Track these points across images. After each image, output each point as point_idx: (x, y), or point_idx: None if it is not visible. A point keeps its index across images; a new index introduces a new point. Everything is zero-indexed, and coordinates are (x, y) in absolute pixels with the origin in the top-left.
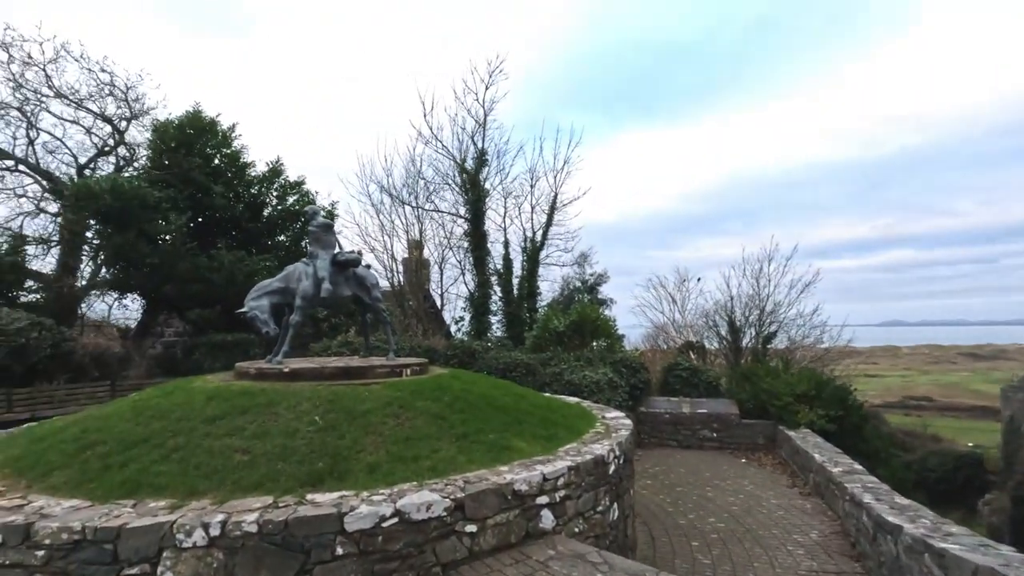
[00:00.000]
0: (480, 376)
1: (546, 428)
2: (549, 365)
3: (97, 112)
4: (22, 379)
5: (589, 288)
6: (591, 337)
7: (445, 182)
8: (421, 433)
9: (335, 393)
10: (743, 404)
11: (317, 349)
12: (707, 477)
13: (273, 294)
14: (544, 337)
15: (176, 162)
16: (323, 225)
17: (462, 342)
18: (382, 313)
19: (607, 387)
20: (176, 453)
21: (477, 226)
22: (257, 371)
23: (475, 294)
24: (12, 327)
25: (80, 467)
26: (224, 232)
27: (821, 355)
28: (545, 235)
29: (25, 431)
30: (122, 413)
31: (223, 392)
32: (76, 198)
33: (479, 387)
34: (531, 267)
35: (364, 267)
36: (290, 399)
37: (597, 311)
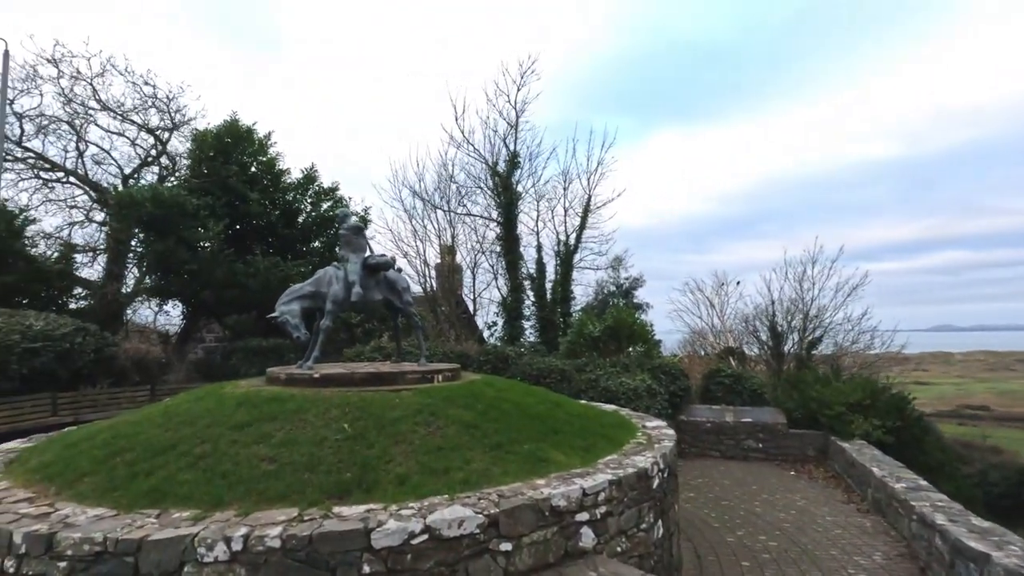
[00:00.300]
0: (514, 383)
1: (584, 438)
2: (584, 371)
3: (141, 124)
4: (67, 383)
5: (624, 292)
6: (627, 342)
7: (477, 185)
8: (453, 443)
9: (364, 400)
10: (790, 413)
11: (350, 354)
12: (754, 490)
13: (304, 298)
14: (579, 342)
15: (214, 170)
16: (353, 228)
17: (495, 347)
18: (414, 317)
19: (645, 394)
20: (202, 461)
21: (509, 229)
22: (287, 376)
23: (508, 299)
24: (58, 332)
25: (108, 474)
26: (260, 238)
27: (872, 362)
28: (579, 238)
29: (60, 436)
30: (153, 418)
31: (252, 398)
32: (119, 206)
33: (513, 394)
34: (564, 271)
35: (395, 271)
36: (319, 406)
37: (633, 315)
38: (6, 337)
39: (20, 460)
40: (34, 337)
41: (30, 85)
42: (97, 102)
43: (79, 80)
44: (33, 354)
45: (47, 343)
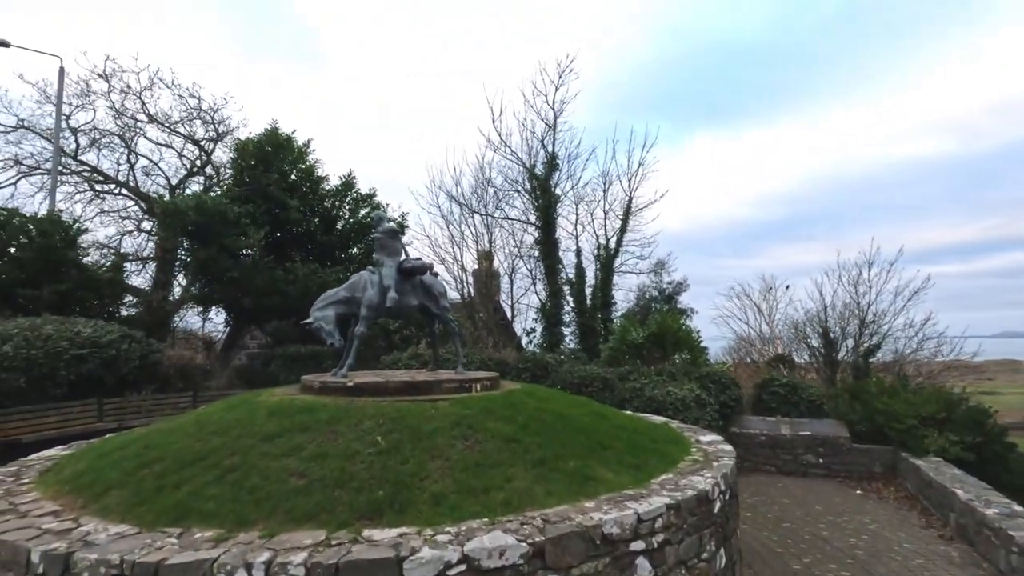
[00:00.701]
0: (556, 392)
1: (635, 454)
2: (628, 380)
3: (187, 135)
4: (114, 389)
5: (667, 297)
6: (672, 349)
7: (514, 189)
8: (492, 459)
9: (399, 410)
10: (853, 426)
11: (388, 362)
12: (818, 511)
13: (338, 304)
14: (621, 349)
15: (255, 178)
16: (388, 231)
17: (534, 355)
18: (451, 323)
19: (694, 405)
20: (231, 474)
21: (548, 233)
22: (321, 385)
23: (547, 304)
24: (105, 339)
25: (135, 487)
26: (299, 245)
27: (937, 371)
28: (619, 242)
29: (96, 444)
30: (185, 428)
31: (285, 407)
32: (164, 215)
33: (556, 405)
34: (605, 276)
35: (432, 275)
36: (352, 416)
37: (679, 321)
38: (55, 344)
39: (56, 469)
40: (82, 344)
41: (84, 101)
42: (146, 115)
43: (129, 94)
44: (81, 360)
45: (94, 350)
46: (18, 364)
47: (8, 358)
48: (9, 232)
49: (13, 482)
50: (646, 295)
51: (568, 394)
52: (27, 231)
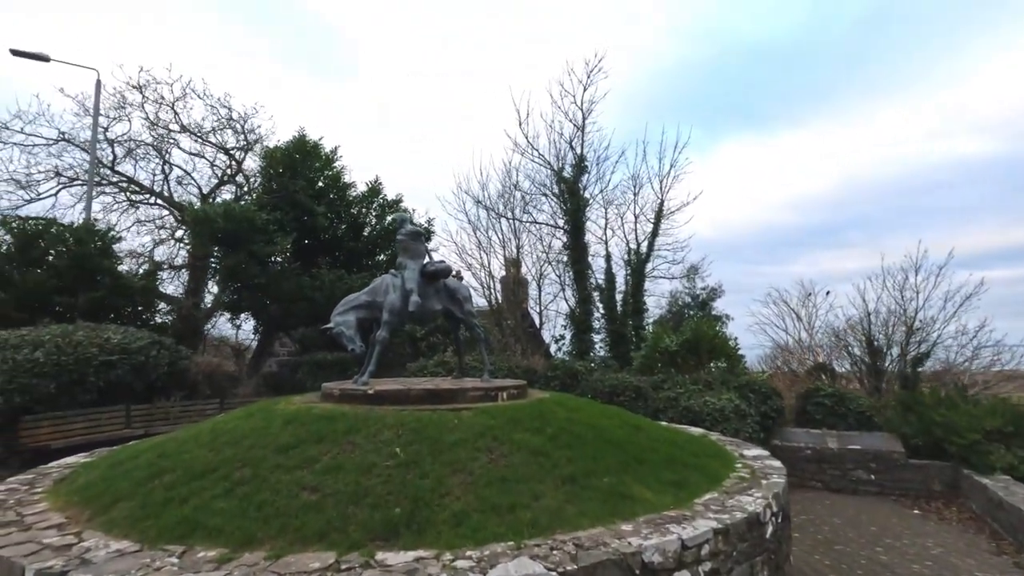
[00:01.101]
0: (587, 402)
1: (674, 470)
2: (662, 389)
3: (219, 145)
4: (142, 395)
5: (701, 304)
6: (708, 357)
7: (542, 192)
8: (519, 473)
9: (421, 420)
10: (907, 440)
11: (413, 368)
12: (873, 533)
13: (360, 308)
14: (654, 357)
15: (283, 185)
16: (411, 233)
17: (563, 362)
18: (476, 329)
19: (734, 415)
20: (240, 487)
21: (577, 238)
22: (341, 392)
23: (576, 311)
24: (134, 345)
25: (143, 499)
26: (326, 252)
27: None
28: (651, 246)
29: (112, 453)
30: (200, 437)
31: (302, 416)
32: (194, 223)
33: (587, 415)
34: (636, 281)
35: (456, 278)
36: (370, 426)
37: (714, 328)
38: (85, 350)
39: (71, 477)
40: (111, 350)
41: (120, 113)
42: (178, 125)
43: (162, 105)
44: (110, 367)
45: (123, 356)
46: (48, 370)
47: (39, 364)
48: (47, 241)
49: (26, 491)
50: (678, 301)
51: (600, 404)
52: (64, 240)
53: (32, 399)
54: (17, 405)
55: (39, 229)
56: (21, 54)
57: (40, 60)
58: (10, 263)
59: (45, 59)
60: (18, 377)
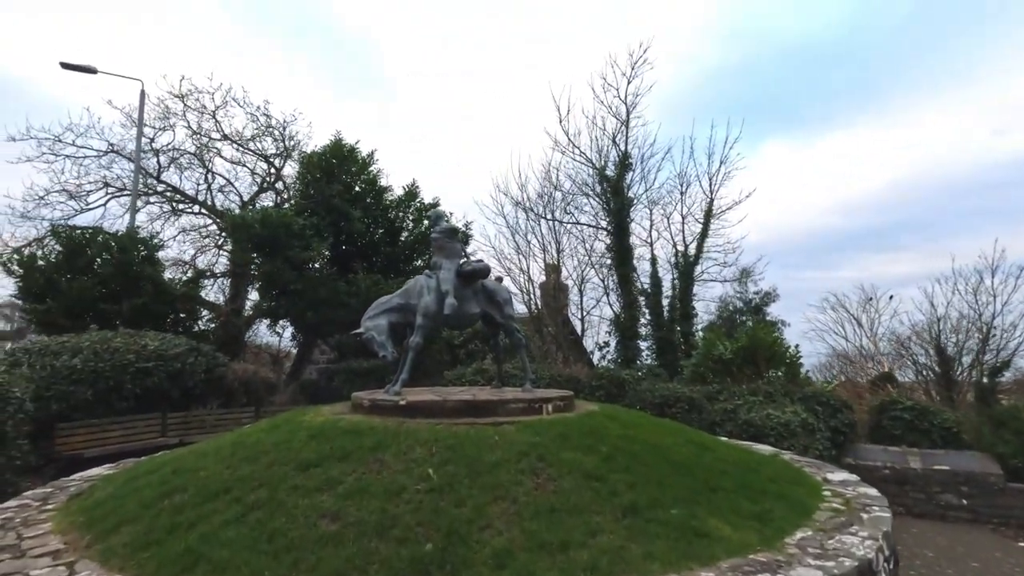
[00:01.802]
0: (642, 415)
1: (753, 500)
2: (718, 400)
3: (259, 152)
4: (180, 403)
5: (754, 309)
6: (766, 366)
7: (583, 192)
8: (570, 502)
9: (457, 436)
10: (1005, 460)
11: (451, 377)
12: (976, 570)
13: (392, 312)
14: (706, 365)
15: (319, 190)
16: (447, 231)
17: (608, 371)
18: (516, 334)
19: (801, 431)
20: (254, 513)
21: (621, 239)
22: (371, 403)
23: (621, 316)
24: (171, 352)
25: (148, 523)
26: (364, 257)
27: None
28: (700, 248)
29: (131, 467)
30: (220, 450)
31: (328, 430)
32: (233, 228)
33: (644, 432)
34: (684, 285)
35: (495, 280)
36: (401, 442)
37: (772, 334)
38: (122, 357)
39: (87, 493)
40: (148, 357)
41: (165, 123)
42: (219, 133)
43: (205, 114)
44: (146, 373)
45: (159, 363)
46: (85, 377)
47: (76, 371)
48: (94, 249)
49: (37, 508)
50: (729, 306)
51: (655, 418)
52: (109, 247)
53: (69, 406)
54: (54, 412)
55: (86, 238)
56: (70, 67)
57: (88, 72)
58: (58, 271)
59: (92, 71)
60: (55, 384)
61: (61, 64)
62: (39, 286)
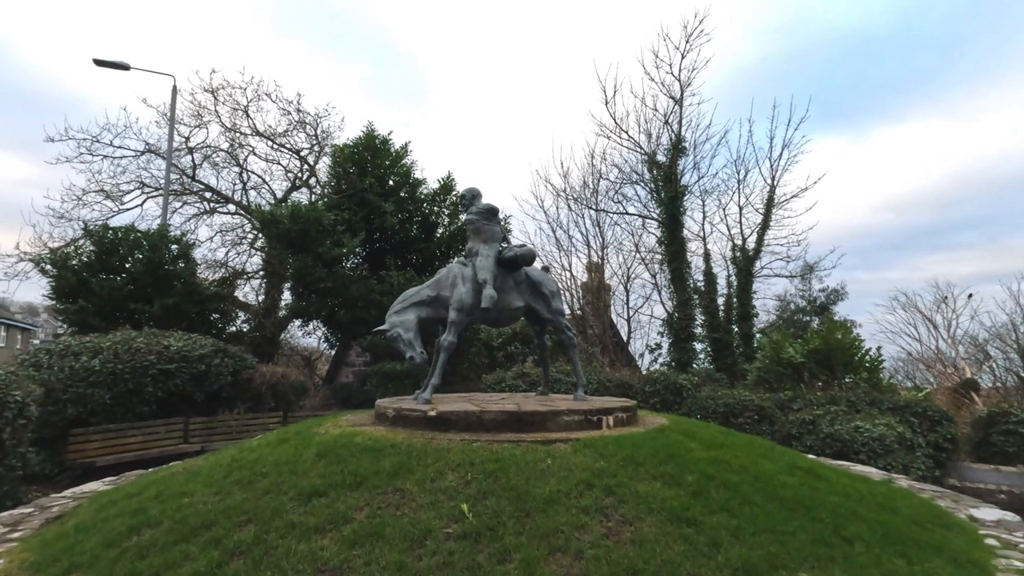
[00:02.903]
0: (724, 432)
1: (906, 554)
2: (791, 409)
3: (292, 149)
4: (205, 407)
5: (819, 308)
6: (842, 371)
7: (630, 180)
8: (657, 559)
9: (498, 458)
10: None
11: (489, 381)
12: None
13: (421, 306)
14: (773, 370)
15: (351, 184)
16: (484, 210)
17: (664, 375)
18: (566, 332)
19: (898, 447)
20: (234, 562)
21: (674, 231)
22: (396, 413)
23: (674, 316)
24: (195, 353)
25: (105, 570)
26: (397, 253)
27: None
28: (760, 240)
29: (111, 490)
30: (214, 470)
31: (342, 446)
32: (263, 224)
33: (736, 454)
34: (743, 281)
35: (542, 269)
36: (428, 465)
37: (851, 335)
38: (143, 358)
39: (66, 517)
40: (170, 358)
41: (199, 121)
42: (250, 128)
43: (237, 110)
44: (168, 376)
45: (182, 364)
46: (104, 379)
47: (95, 373)
48: (126, 248)
49: (5, 534)
50: (790, 305)
51: (740, 433)
52: (140, 246)
53: (86, 410)
54: (70, 416)
55: (118, 237)
56: (104, 63)
57: (121, 69)
58: (90, 270)
59: (125, 67)
60: (73, 386)
61: (94, 61)
62: (71, 286)
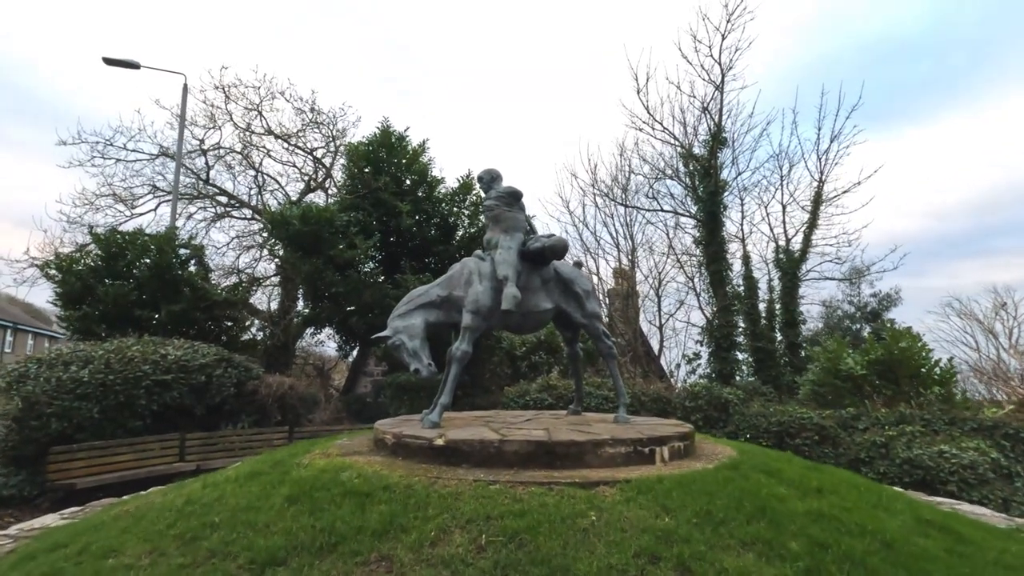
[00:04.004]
0: (813, 466)
1: None
2: (855, 429)
3: (306, 150)
4: (207, 421)
5: (870, 315)
6: (910, 384)
7: (664, 175)
8: None
9: (524, 509)
10: None
11: (512, 395)
12: None
13: (430, 308)
14: (830, 383)
15: (366, 183)
16: (506, 194)
17: (707, 388)
18: (604, 340)
19: (992, 475)
20: None
21: (713, 230)
22: (395, 440)
23: (714, 323)
24: (195, 363)
25: None
26: (414, 257)
27: None
28: (807, 241)
29: (44, 537)
30: (160, 515)
31: (320, 489)
32: (272, 225)
33: (844, 503)
34: (788, 285)
35: (573, 265)
36: (429, 518)
37: (918, 343)
38: (136, 368)
39: None
40: (167, 368)
41: (213, 123)
42: (264, 128)
43: (249, 110)
44: (164, 387)
45: (180, 375)
46: (92, 391)
47: (82, 384)
48: (133, 252)
49: None
50: (836, 312)
51: (834, 467)
52: (148, 250)
53: (72, 425)
54: (55, 432)
55: (126, 240)
56: (113, 62)
57: (131, 67)
58: (96, 275)
59: (135, 66)
60: (58, 399)
61: (104, 59)
62: (76, 292)
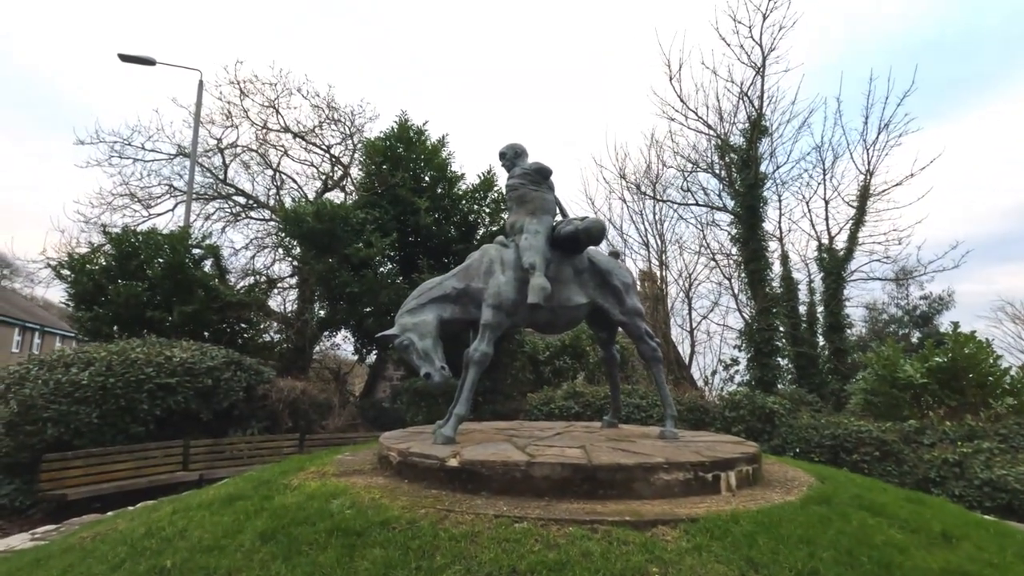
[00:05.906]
0: (919, 497)
1: None
2: (920, 444)
3: (324, 147)
4: (215, 427)
5: (920, 319)
6: (978, 394)
7: (698, 168)
8: None
9: (561, 559)
10: None
11: (535, 402)
12: None
13: (444, 302)
14: (886, 392)
15: (383, 180)
16: (533, 171)
17: (749, 396)
18: (647, 341)
19: None
20: None
21: (752, 226)
22: (401, 459)
23: (753, 325)
24: (202, 366)
25: None
26: (433, 256)
27: None
28: (852, 239)
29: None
30: (112, 551)
31: (301, 522)
32: (285, 222)
33: (980, 551)
34: (832, 287)
35: (609, 255)
36: (436, 573)
37: (985, 349)
38: (139, 371)
39: None
40: (171, 371)
41: (229, 121)
42: (281, 125)
43: (265, 108)
44: (168, 391)
45: (185, 378)
46: (91, 395)
47: (81, 387)
48: (147, 252)
49: None
50: (882, 316)
51: (940, 500)
52: (160, 249)
53: (70, 430)
54: (51, 438)
55: (139, 239)
56: (129, 59)
57: (146, 64)
58: (108, 275)
59: (151, 62)
60: (55, 402)
61: (119, 56)
62: (88, 292)
